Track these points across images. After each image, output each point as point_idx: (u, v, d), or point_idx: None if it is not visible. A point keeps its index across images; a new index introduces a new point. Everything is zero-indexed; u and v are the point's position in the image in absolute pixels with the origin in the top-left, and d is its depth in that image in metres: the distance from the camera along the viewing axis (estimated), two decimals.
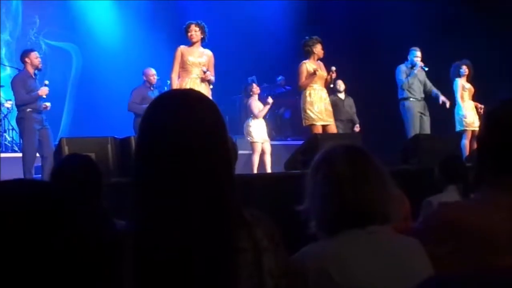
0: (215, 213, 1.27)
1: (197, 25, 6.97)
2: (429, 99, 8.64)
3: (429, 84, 8.66)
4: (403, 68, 8.57)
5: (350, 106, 9.60)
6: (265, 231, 1.32)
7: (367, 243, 1.62)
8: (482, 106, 8.49)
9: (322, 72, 7.59)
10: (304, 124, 7.69)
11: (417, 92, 8.50)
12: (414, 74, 8.48)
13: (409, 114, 8.45)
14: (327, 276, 1.56)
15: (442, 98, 8.60)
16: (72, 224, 0.77)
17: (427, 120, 8.50)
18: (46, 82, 7.32)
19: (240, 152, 9.17)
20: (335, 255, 1.59)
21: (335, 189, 1.64)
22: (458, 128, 8.67)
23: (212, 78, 6.97)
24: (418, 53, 8.56)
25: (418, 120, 8.43)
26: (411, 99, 8.47)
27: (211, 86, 7.06)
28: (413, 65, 8.52)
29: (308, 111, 7.52)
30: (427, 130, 8.41)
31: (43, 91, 7.15)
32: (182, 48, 6.95)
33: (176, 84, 6.86)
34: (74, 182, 2.46)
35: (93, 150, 5.28)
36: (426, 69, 8.50)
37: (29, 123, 7.04)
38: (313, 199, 1.68)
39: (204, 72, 6.89)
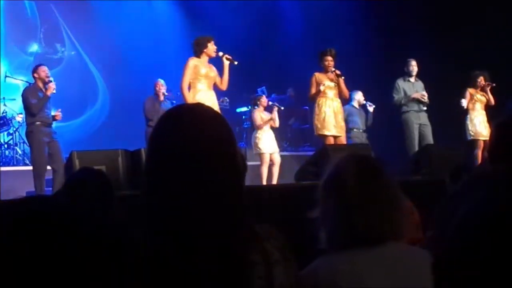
0: (226, 227, 1.27)
1: (214, 40, 7.04)
2: (430, 109, 8.62)
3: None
4: (399, 82, 8.57)
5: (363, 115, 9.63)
6: (275, 245, 1.32)
7: (379, 257, 1.60)
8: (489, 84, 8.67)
9: (331, 83, 7.59)
10: (315, 134, 7.73)
11: (415, 104, 8.48)
12: (409, 86, 8.50)
13: (406, 127, 8.44)
14: None
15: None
16: (85, 238, 0.78)
17: (428, 130, 8.46)
18: (51, 78, 7.33)
19: (250, 163, 9.20)
20: (348, 269, 1.58)
21: (345, 212, 1.62)
22: (467, 137, 8.67)
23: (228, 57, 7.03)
24: (412, 62, 8.59)
25: (417, 132, 8.39)
26: (409, 111, 8.46)
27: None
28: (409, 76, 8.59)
29: (316, 122, 7.56)
30: (429, 140, 8.37)
31: (50, 88, 7.19)
32: (194, 60, 6.97)
33: (188, 95, 6.87)
34: (86, 195, 2.47)
35: (104, 162, 5.30)
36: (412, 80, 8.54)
37: (38, 136, 7.09)
38: (323, 216, 1.67)
39: (229, 59, 6.95)
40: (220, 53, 6.97)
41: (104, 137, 11.13)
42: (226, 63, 6.96)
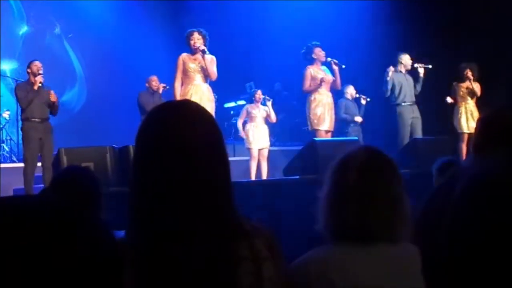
0: (215, 224, 1.27)
1: (200, 33, 7.01)
2: (421, 102, 8.65)
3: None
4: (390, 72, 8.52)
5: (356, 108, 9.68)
6: (264, 241, 1.32)
7: (372, 253, 1.60)
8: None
9: (327, 76, 7.67)
10: (309, 129, 7.77)
11: (408, 96, 8.48)
12: (400, 76, 8.48)
13: (400, 121, 8.45)
14: (329, 282, 1.55)
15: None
16: (71, 237, 0.78)
17: (419, 122, 8.48)
18: (41, 71, 7.25)
19: (238, 158, 9.20)
20: (339, 262, 1.58)
21: (340, 204, 1.60)
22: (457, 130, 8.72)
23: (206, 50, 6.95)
24: (407, 56, 8.59)
25: (409, 126, 8.41)
26: (403, 104, 8.47)
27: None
28: (410, 69, 8.56)
29: (312, 116, 7.61)
30: (419, 132, 8.41)
31: (36, 81, 7.13)
32: (183, 56, 7.00)
33: (179, 92, 6.88)
34: (74, 193, 2.46)
35: (92, 159, 5.29)
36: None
37: (29, 133, 7.05)
38: (324, 201, 1.65)
39: (202, 51, 6.90)
40: (201, 46, 6.95)
41: (81, 126, 11.10)
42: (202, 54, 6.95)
